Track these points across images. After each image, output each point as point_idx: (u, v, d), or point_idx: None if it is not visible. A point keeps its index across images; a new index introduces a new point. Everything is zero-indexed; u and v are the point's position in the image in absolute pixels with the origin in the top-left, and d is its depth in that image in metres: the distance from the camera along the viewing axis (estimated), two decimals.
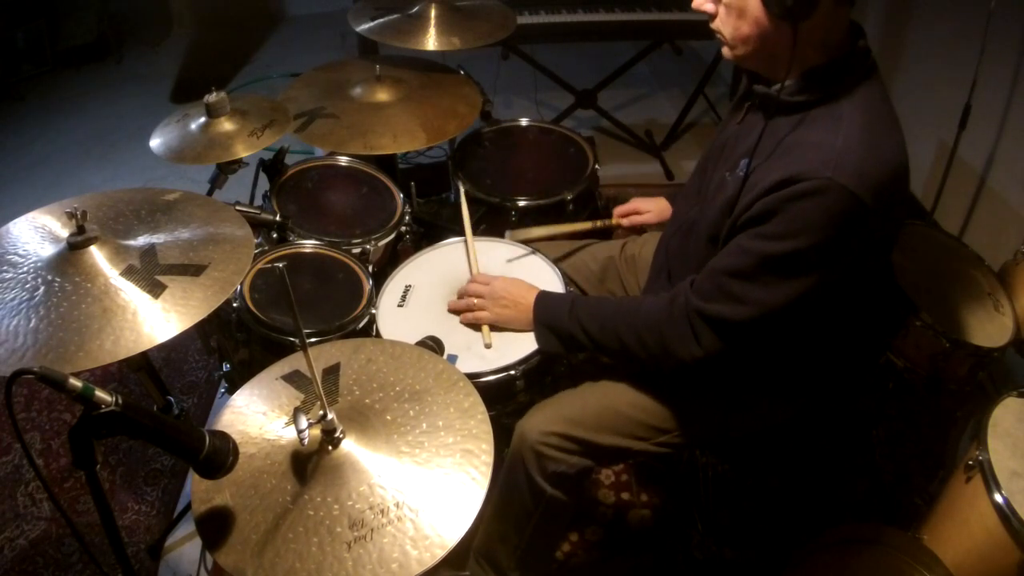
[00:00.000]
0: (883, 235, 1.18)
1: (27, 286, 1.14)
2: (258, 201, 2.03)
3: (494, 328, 1.48)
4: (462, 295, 1.53)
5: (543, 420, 1.39)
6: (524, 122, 2.23)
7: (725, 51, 1.23)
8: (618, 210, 1.79)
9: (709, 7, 1.20)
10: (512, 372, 1.41)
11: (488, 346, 1.46)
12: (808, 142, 1.11)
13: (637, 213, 1.77)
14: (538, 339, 1.44)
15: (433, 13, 2.04)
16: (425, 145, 1.88)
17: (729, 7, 1.16)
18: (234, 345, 1.62)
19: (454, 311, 1.53)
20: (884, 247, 1.25)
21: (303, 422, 0.96)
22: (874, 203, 1.06)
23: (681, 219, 1.46)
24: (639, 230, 1.80)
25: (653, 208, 1.76)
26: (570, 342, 1.40)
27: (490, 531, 1.50)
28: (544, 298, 1.45)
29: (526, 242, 1.72)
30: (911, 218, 2.02)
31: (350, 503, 0.96)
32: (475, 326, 1.50)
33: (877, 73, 1.17)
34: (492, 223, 1.96)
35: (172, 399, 1.58)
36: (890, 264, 1.61)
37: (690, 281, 1.26)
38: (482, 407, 1.09)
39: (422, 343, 1.29)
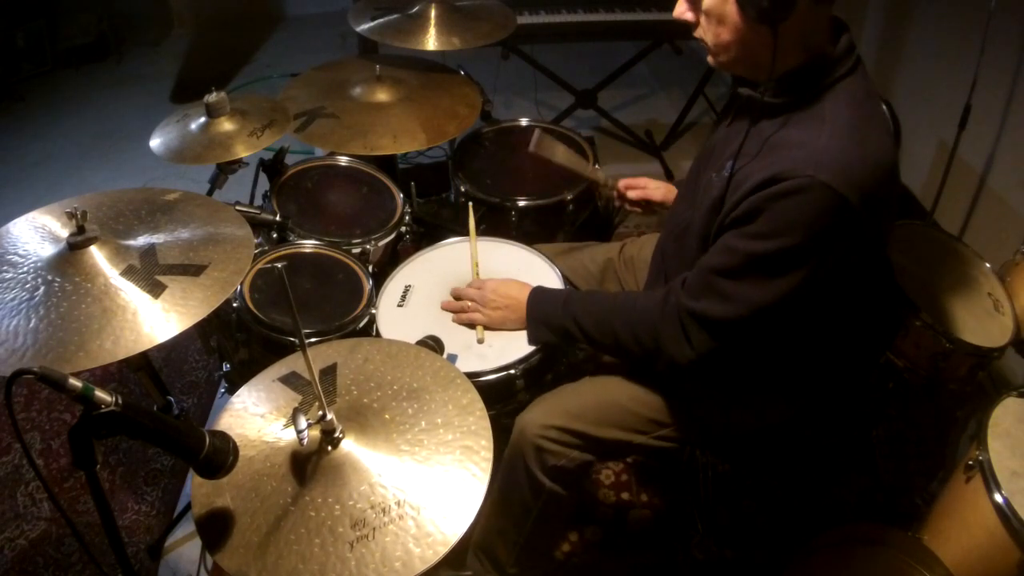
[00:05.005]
0: (872, 233, 1.17)
1: (27, 286, 1.14)
2: (258, 201, 2.03)
3: (490, 328, 1.48)
4: (456, 297, 1.54)
5: (543, 414, 1.38)
6: (524, 122, 2.22)
7: (710, 59, 1.23)
8: (624, 182, 1.72)
9: (689, 16, 1.20)
10: (512, 371, 1.41)
11: (480, 341, 1.46)
12: (791, 142, 1.11)
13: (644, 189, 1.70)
14: (530, 334, 1.43)
15: (433, 13, 2.04)
16: (425, 146, 1.88)
17: (709, 15, 1.16)
18: (234, 345, 1.62)
19: (447, 310, 1.53)
20: (874, 245, 1.24)
21: (302, 422, 0.96)
22: (859, 201, 1.06)
23: (676, 222, 1.46)
24: (642, 205, 1.73)
25: (661, 187, 1.70)
26: (564, 337, 1.40)
27: (489, 526, 1.50)
28: (538, 293, 1.45)
29: (550, 159, 1.67)
30: (911, 218, 2.02)
31: (351, 503, 0.96)
32: (471, 324, 1.50)
33: (862, 69, 1.16)
34: (492, 223, 1.95)
35: (172, 399, 1.57)
36: (890, 264, 1.60)
37: (682, 279, 1.26)
38: (480, 403, 1.10)
39: (422, 342, 1.29)
